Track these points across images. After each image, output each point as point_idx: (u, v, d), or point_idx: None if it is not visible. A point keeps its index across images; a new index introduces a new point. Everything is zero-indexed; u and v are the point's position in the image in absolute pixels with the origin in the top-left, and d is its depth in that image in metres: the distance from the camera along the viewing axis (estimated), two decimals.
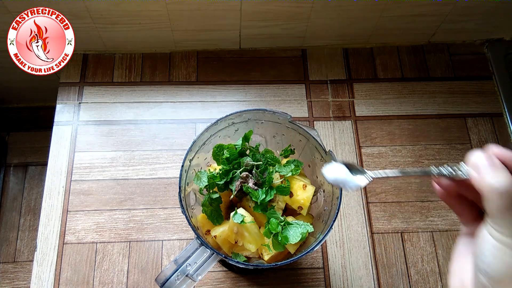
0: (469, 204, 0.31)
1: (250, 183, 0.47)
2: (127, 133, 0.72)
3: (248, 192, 0.47)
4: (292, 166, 0.49)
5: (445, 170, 0.30)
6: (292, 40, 0.79)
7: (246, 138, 0.50)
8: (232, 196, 0.48)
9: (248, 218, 0.46)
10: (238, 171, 0.48)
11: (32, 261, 0.70)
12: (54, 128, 0.72)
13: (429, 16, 0.74)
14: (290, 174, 0.48)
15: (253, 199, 0.47)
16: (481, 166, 0.26)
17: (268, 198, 0.46)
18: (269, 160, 0.50)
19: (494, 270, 0.25)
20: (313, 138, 0.47)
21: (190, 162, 0.48)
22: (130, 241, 0.64)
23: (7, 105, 1.11)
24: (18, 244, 1.02)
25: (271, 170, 0.48)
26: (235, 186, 0.47)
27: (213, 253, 0.42)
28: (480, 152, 0.27)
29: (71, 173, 0.68)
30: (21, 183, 1.09)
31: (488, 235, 0.26)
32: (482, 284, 0.26)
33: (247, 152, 0.51)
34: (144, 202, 0.67)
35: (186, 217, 0.44)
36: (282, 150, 0.53)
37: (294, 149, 0.53)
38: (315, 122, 0.74)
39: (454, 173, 0.29)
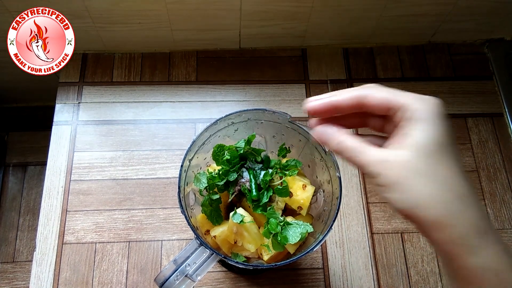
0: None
1: (248, 184, 0.47)
2: (127, 133, 0.72)
3: (245, 193, 0.47)
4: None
5: None
6: (292, 40, 0.79)
7: (248, 142, 0.49)
8: (230, 199, 0.48)
9: (248, 218, 0.46)
10: (237, 174, 0.48)
11: (31, 261, 0.70)
12: (54, 128, 0.72)
13: (429, 16, 0.74)
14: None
15: (247, 198, 0.46)
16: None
17: (264, 200, 0.46)
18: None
19: None
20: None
21: (189, 162, 0.48)
22: (129, 241, 0.64)
23: (6, 105, 1.11)
24: (17, 244, 1.02)
25: (269, 172, 0.48)
26: (235, 190, 0.47)
27: (213, 253, 0.42)
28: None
29: (70, 173, 0.68)
30: (20, 183, 1.08)
31: None
32: None
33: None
34: (143, 202, 0.67)
35: (186, 217, 0.44)
36: (278, 150, 0.53)
37: (289, 147, 0.53)
38: None
39: None
